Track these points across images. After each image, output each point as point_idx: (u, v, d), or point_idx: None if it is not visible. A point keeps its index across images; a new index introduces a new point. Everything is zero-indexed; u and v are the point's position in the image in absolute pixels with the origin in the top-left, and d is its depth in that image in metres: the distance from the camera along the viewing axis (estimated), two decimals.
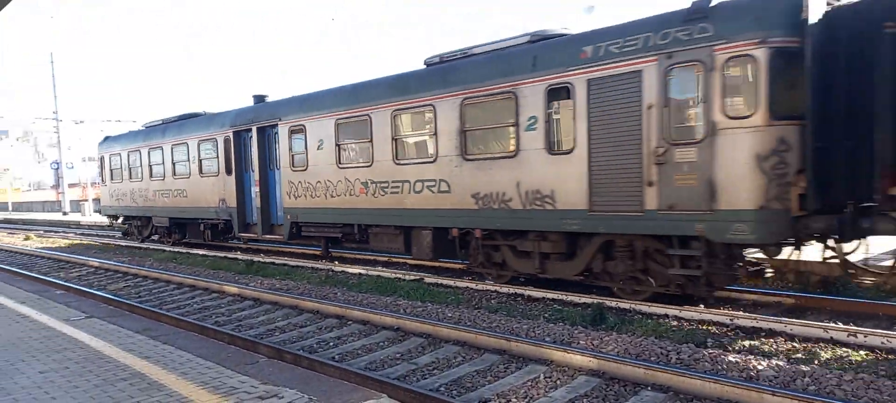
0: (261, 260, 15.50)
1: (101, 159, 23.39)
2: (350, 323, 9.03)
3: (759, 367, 6.12)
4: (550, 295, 9.80)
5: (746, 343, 7.13)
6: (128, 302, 11.27)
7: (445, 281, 11.43)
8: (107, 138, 24.00)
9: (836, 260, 8.61)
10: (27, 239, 26.84)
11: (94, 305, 11.27)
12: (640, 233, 8.70)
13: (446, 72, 11.12)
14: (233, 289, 11.69)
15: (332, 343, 8.11)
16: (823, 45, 7.62)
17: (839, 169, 7.72)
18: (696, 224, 8.02)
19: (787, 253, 8.44)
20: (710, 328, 7.84)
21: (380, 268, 13.26)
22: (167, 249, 18.96)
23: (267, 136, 15.55)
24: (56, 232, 30.15)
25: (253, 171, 15.95)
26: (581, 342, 7.25)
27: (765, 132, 7.58)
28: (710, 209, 7.86)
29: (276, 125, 14.92)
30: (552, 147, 9.45)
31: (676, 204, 8.12)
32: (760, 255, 8.89)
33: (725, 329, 7.75)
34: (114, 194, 22.52)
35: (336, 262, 14.66)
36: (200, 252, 17.65)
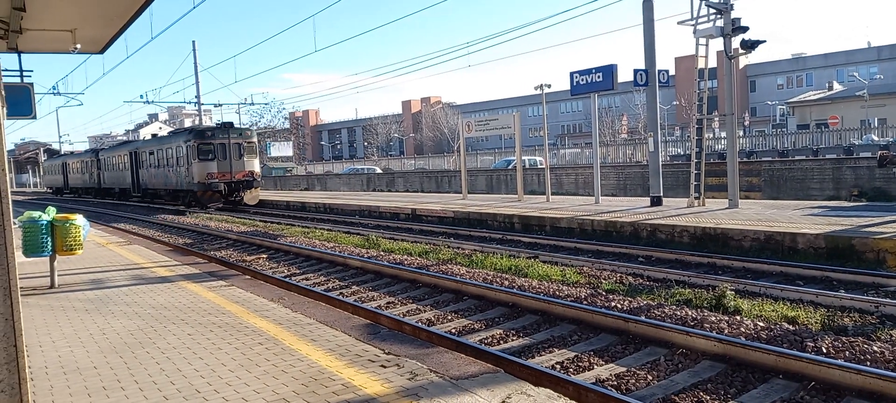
0: (379, 236, 16.08)
1: None
2: (466, 298, 9.19)
3: None
4: (673, 275, 9.45)
5: (894, 333, 6.54)
6: (262, 272, 12.13)
7: (561, 259, 11.34)
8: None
9: None
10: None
11: (234, 274, 12.22)
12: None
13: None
14: (355, 263, 12.24)
15: (449, 318, 8.31)
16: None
17: None
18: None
19: None
20: (851, 314, 7.26)
21: (495, 246, 13.35)
22: (297, 225, 20.15)
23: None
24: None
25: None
26: (705, 325, 6.96)
27: None
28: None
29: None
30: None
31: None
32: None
33: (869, 317, 7.14)
34: None
35: (451, 238, 14.92)
36: (325, 227, 18.59)
